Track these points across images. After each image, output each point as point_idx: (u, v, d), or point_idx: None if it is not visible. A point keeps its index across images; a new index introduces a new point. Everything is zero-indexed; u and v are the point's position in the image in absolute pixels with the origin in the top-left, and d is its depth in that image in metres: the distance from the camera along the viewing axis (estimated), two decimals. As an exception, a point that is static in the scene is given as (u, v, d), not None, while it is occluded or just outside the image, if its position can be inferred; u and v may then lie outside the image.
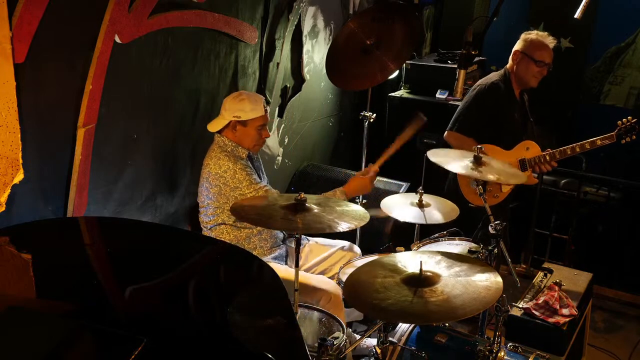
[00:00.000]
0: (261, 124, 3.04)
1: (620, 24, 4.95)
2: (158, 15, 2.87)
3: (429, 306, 1.94)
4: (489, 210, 2.68)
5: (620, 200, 4.62)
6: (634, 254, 4.44)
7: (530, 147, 3.55)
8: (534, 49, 3.55)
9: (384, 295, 1.99)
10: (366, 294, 2.03)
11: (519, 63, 3.59)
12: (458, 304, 1.94)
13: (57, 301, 1.80)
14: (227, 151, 3.01)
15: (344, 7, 4.55)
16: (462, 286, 2.02)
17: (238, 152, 3.04)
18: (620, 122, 3.35)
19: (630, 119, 3.33)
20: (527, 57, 3.55)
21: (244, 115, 2.99)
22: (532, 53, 3.55)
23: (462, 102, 3.73)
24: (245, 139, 3.04)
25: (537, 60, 3.54)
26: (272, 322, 1.84)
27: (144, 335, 1.52)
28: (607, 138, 3.34)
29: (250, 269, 2.16)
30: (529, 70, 3.57)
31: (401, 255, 2.27)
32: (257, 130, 3.04)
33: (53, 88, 2.50)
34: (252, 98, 3.04)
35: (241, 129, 3.02)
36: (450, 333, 2.65)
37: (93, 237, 2.34)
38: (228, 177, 2.94)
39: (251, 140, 3.06)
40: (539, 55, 3.54)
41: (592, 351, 3.66)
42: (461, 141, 3.54)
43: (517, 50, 3.61)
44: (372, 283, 2.07)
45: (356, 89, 3.67)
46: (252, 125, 3.02)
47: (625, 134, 3.33)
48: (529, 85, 3.63)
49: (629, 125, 3.32)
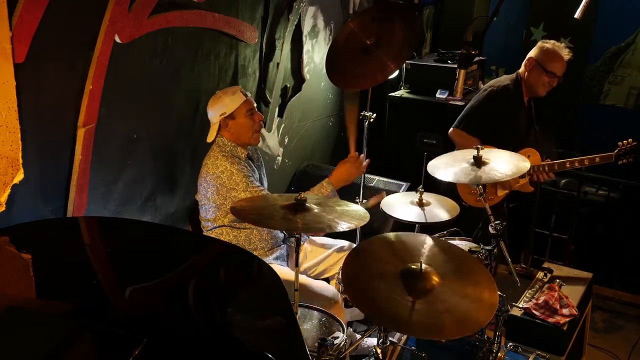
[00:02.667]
0: (248, 108, 3.03)
1: (620, 24, 4.95)
2: (158, 15, 2.87)
3: (422, 319, 1.91)
4: (489, 210, 2.69)
5: (620, 200, 4.62)
6: (634, 254, 4.44)
7: (532, 155, 3.58)
8: (548, 60, 3.55)
9: (382, 296, 1.97)
10: (365, 294, 2.02)
11: (531, 71, 3.59)
12: (448, 322, 1.90)
13: (57, 301, 1.80)
14: (226, 151, 3.01)
15: (344, 7, 4.56)
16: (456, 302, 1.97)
17: (237, 152, 3.04)
18: (621, 143, 3.41)
19: (631, 142, 3.40)
20: (540, 66, 3.55)
21: (227, 108, 2.99)
22: (545, 63, 3.54)
23: (471, 101, 3.73)
24: (241, 131, 3.03)
25: (548, 71, 3.54)
26: (272, 322, 1.84)
27: (144, 335, 1.52)
28: (606, 158, 3.41)
29: (250, 269, 2.16)
30: (540, 80, 3.58)
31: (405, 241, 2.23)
32: (247, 116, 3.03)
33: (53, 88, 2.50)
34: (229, 90, 3.05)
35: (232, 123, 3.01)
36: (450, 333, 2.64)
37: (93, 237, 2.33)
38: (225, 177, 2.93)
39: (247, 129, 3.04)
40: (551, 67, 3.54)
41: (592, 351, 3.67)
42: (465, 140, 3.54)
43: (531, 58, 3.60)
44: (370, 280, 2.04)
45: (356, 88, 3.67)
46: (240, 114, 3.01)
47: (624, 156, 3.41)
48: (537, 94, 3.65)
49: (628, 147, 3.39)
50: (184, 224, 3.37)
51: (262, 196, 2.91)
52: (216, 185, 2.95)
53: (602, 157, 3.43)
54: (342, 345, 2.34)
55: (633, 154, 3.39)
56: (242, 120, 3.02)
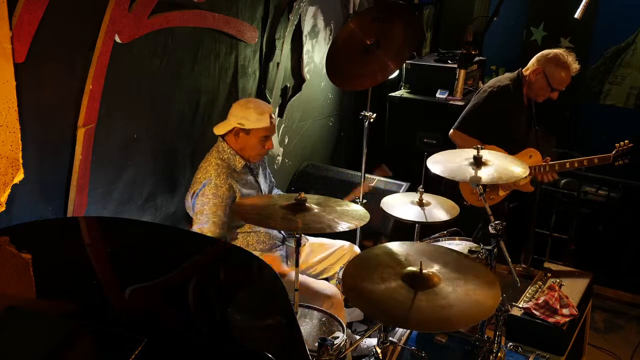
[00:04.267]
0: (265, 135, 2.98)
1: (620, 24, 4.95)
2: (158, 15, 2.87)
3: (426, 314, 1.91)
4: (489, 210, 2.68)
5: (620, 200, 4.62)
6: (634, 254, 4.44)
7: (533, 155, 3.59)
8: (555, 74, 3.53)
9: (385, 296, 1.97)
10: (365, 294, 2.02)
11: (537, 80, 3.58)
12: (454, 314, 1.90)
13: (57, 301, 1.80)
14: (222, 159, 2.97)
15: (344, 7, 4.56)
16: (458, 295, 1.97)
17: (234, 162, 2.99)
18: (618, 144, 3.44)
19: (627, 143, 3.42)
20: (546, 79, 3.55)
21: (248, 123, 2.94)
22: (551, 77, 3.54)
23: (471, 102, 3.73)
24: (246, 147, 2.99)
25: (553, 88, 3.54)
26: (272, 322, 1.84)
27: (144, 335, 1.52)
28: (604, 159, 3.45)
29: (250, 269, 2.16)
30: (542, 91, 3.59)
31: (403, 249, 2.23)
32: (260, 140, 2.98)
33: (53, 88, 2.50)
34: (260, 108, 2.97)
35: (244, 137, 2.97)
36: (450, 333, 2.65)
37: (93, 237, 2.33)
38: (206, 187, 2.88)
39: (252, 150, 3.00)
40: (557, 83, 3.54)
41: (592, 351, 3.66)
42: (466, 141, 3.54)
43: (539, 68, 3.57)
44: (371, 281, 2.04)
45: (357, 88, 3.65)
46: (255, 135, 2.96)
47: (621, 157, 3.44)
48: (536, 99, 3.67)
49: (625, 149, 3.43)
50: (184, 224, 3.37)
51: (263, 196, 2.92)
52: (195, 189, 2.92)
53: (600, 158, 3.46)
54: (342, 345, 2.34)
55: (629, 155, 3.43)
56: (254, 141, 2.98)
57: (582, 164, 3.50)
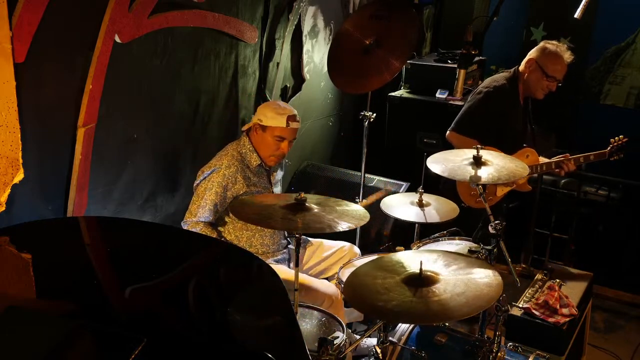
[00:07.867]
0: (279, 135, 3.04)
1: (620, 23, 4.94)
2: (158, 15, 2.87)
3: (431, 306, 1.92)
4: (489, 210, 2.68)
5: (620, 200, 4.62)
6: (634, 254, 4.44)
7: (530, 155, 3.59)
8: (549, 63, 3.54)
9: (386, 296, 1.97)
10: (367, 295, 2.02)
11: (532, 72, 3.59)
12: (461, 303, 1.92)
13: (57, 301, 1.80)
14: (240, 152, 3.05)
15: (344, 7, 4.55)
16: (463, 284, 2.00)
17: (250, 158, 3.06)
18: (613, 139, 3.47)
19: (622, 138, 3.46)
20: (540, 69, 3.55)
21: (265, 120, 3.03)
22: (545, 66, 3.54)
23: (466, 102, 3.73)
24: (262, 145, 3.07)
25: (548, 75, 3.54)
26: (272, 322, 1.84)
27: (144, 335, 1.52)
28: (600, 155, 3.49)
29: (250, 269, 2.16)
30: (539, 83, 3.58)
31: (401, 255, 2.26)
32: (275, 139, 3.04)
33: (53, 88, 2.51)
34: (280, 109, 3.06)
35: (260, 134, 3.06)
36: (450, 333, 2.64)
37: (93, 237, 2.33)
38: (214, 174, 2.95)
39: (267, 148, 3.06)
40: (552, 71, 3.54)
41: (592, 351, 3.66)
42: (463, 142, 3.53)
43: (532, 59, 3.59)
44: (372, 284, 2.05)
45: (366, 90, 3.61)
46: (270, 133, 3.03)
47: (616, 152, 3.48)
48: (535, 96, 3.65)
49: (620, 143, 3.46)
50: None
51: (264, 195, 2.97)
52: (203, 174, 2.99)
53: (596, 155, 3.50)
54: (342, 345, 2.34)
55: (624, 150, 3.46)
56: (268, 139, 3.05)
57: (579, 162, 3.53)
